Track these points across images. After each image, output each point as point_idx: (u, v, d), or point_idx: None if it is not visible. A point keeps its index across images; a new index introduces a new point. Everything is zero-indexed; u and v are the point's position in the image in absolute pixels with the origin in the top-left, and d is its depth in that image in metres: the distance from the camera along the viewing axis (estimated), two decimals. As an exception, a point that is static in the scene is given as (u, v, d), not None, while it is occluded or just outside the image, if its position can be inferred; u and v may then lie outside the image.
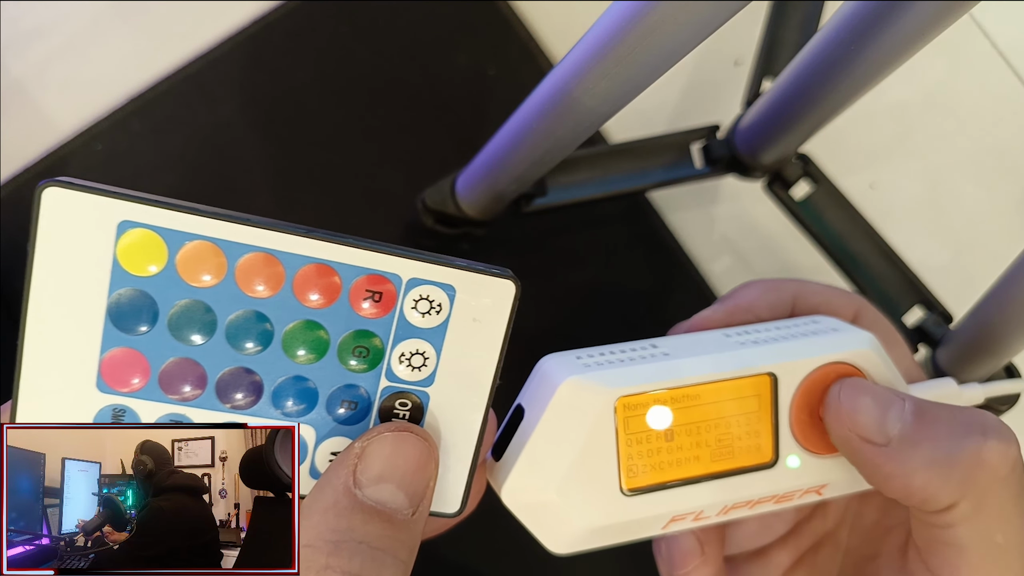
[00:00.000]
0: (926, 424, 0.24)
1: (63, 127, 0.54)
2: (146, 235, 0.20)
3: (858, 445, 0.25)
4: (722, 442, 0.25)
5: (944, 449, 0.23)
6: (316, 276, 0.21)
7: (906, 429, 0.24)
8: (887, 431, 0.24)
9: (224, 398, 0.21)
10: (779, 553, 0.30)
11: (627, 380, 0.24)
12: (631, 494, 0.24)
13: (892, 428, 0.24)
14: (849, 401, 0.25)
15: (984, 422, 0.24)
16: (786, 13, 0.53)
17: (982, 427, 0.23)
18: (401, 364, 0.22)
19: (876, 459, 0.24)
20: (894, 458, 0.24)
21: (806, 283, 0.30)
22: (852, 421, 0.25)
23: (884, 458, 0.24)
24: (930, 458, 0.23)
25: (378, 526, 0.20)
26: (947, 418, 0.24)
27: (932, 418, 0.24)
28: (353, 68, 0.56)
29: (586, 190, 0.50)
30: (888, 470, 0.24)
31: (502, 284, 0.22)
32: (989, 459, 0.23)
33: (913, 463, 0.24)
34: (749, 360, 0.26)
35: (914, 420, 0.24)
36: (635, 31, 0.29)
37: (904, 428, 0.24)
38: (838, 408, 0.25)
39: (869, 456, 0.25)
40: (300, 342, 0.21)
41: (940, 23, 0.33)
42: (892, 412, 0.24)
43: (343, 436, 0.22)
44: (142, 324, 0.21)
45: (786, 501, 0.27)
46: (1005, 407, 0.49)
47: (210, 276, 0.20)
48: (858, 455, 0.25)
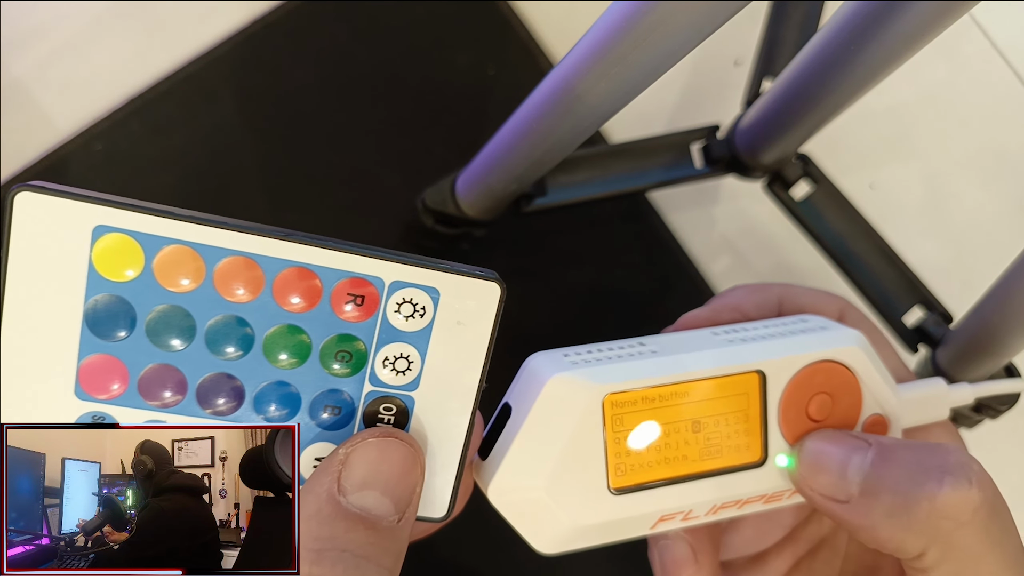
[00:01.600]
0: (885, 473, 0.24)
1: (63, 127, 0.54)
2: (122, 240, 0.20)
3: (823, 504, 0.25)
4: (710, 441, 0.25)
5: (903, 499, 0.23)
6: (296, 280, 0.21)
7: (867, 482, 0.24)
8: (847, 488, 0.24)
9: (205, 404, 0.21)
10: (776, 558, 0.30)
11: (614, 377, 0.24)
12: (618, 493, 0.24)
13: (852, 485, 0.24)
14: (809, 461, 0.25)
15: (944, 463, 0.23)
16: (786, 13, 0.53)
17: (940, 471, 0.23)
18: (385, 368, 0.22)
19: (842, 516, 0.24)
20: (858, 514, 0.24)
21: (790, 285, 0.30)
22: (813, 482, 0.25)
23: (849, 514, 0.24)
24: (890, 510, 0.23)
25: (362, 534, 0.20)
26: (907, 462, 0.24)
27: (892, 464, 0.24)
28: (353, 68, 0.56)
29: (586, 190, 0.50)
30: (855, 524, 0.24)
31: (487, 286, 0.21)
32: (945, 507, 0.22)
33: (875, 516, 0.23)
34: (737, 357, 0.26)
35: (872, 470, 0.24)
36: (635, 31, 0.29)
37: (864, 481, 0.24)
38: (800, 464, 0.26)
39: (836, 514, 0.25)
40: (281, 347, 0.21)
41: (940, 23, 0.33)
42: (852, 465, 0.24)
43: (327, 442, 0.22)
44: (120, 330, 0.20)
45: (775, 501, 0.27)
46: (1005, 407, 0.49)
47: (188, 281, 0.20)
48: (827, 513, 0.25)
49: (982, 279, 0.44)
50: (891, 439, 0.25)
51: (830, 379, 0.26)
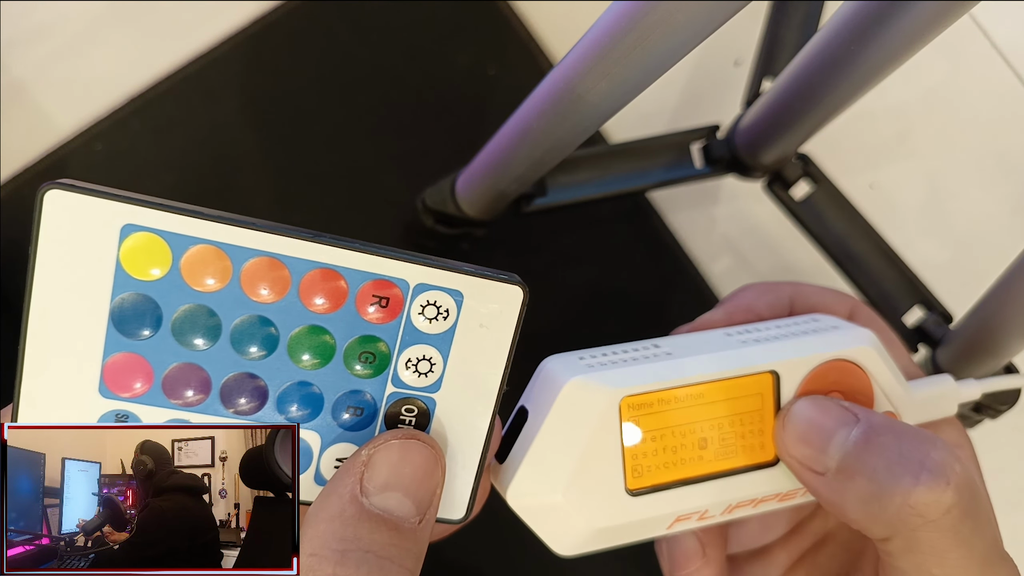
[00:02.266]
0: (865, 457, 0.24)
1: (63, 127, 0.54)
2: (150, 239, 0.20)
3: (798, 469, 0.25)
4: (726, 441, 0.25)
5: (876, 487, 0.23)
6: (322, 281, 0.21)
7: (845, 461, 0.24)
8: (825, 461, 0.24)
9: (228, 403, 0.21)
10: (780, 552, 0.30)
11: (630, 380, 0.24)
12: (635, 494, 0.24)
13: (831, 460, 0.24)
14: (794, 426, 0.25)
15: (923, 459, 0.23)
16: (786, 13, 0.53)
17: (919, 465, 0.23)
18: (407, 370, 0.22)
19: (815, 486, 0.25)
20: (831, 489, 0.24)
21: (801, 284, 0.30)
22: (793, 447, 0.25)
23: (823, 488, 0.24)
24: (863, 495, 0.23)
25: (385, 535, 0.20)
26: (889, 449, 0.23)
27: (874, 448, 0.24)
28: (353, 68, 0.56)
29: (586, 190, 0.50)
30: (825, 498, 0.24)
31: (510, 290, 0.21)
32: (917, 505, 0.22)
33: (847, 497, 0.24)
34: (751, 359, 0.26)
35: (854, 450, 0.24)
36: (635, 31, 0.29)
37: (843, 459, 0.24)
38: (781, 433, 0.25)
39: (809, 482, 0.25)
40: (305, 347, 0.21)
41: (940, 23, 0.33)
42: (835, 441, 0.24)
43: (349, 442, 0.22)
44: (145, 329, 0.20)
45: (789, 499, 0.27)
46: (1005, 407, 0.49)
47: (214, 280, 0.20)
48: (800, 479, 0.25)
49: (982, 279, 0.44)
50: (880, 416, 0.25)
51: (842, 378, 0.27)
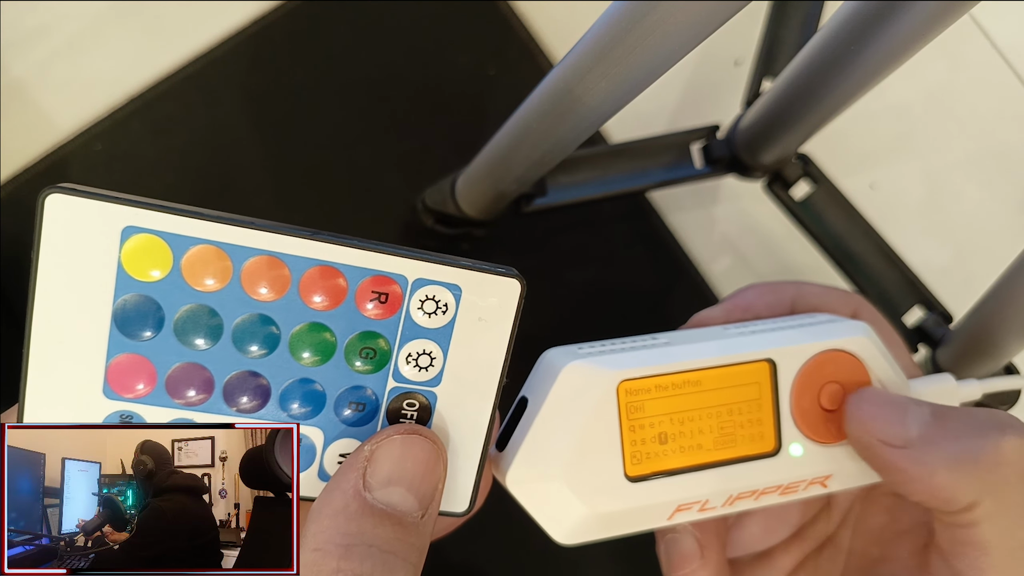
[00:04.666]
0: (944, 424, 0.24)
1: (63, 127, 0.54)
2: (150, 240, 0.20)
3: (879, 449, 0.25)
4: (724, 429, 0.26)
5: (964, 447, 0.23)
6: (321, 278, 0.21)
7: (925, 430, 0.24)
8: (906, 433, 0.24)
9: (231, 402, 0.21)
10: (783, 556, 0.30)
11: (628, 364, 0.24)
12: (635, 480, 0.25)
13: (911, 430, 0.24)
14: (868, 406, 0.26)
15: (1000, 420, 0.24)
16: (786, 13, 0.53)
17: (999, 424, 0.24)
18: (408, 365, 0.22)
19: (898, 462, 0.24)
20: (915, 460, 0.24)
21: (804, 284, 0.30)
22: (871, 425, 0.25)
23: (905, 460, 0.24)
24: (950, 457, 0.23)
25: (388, 529, 0.20)
26: (964, 418, 0.24)
27: (950, 418, 0.24)
28: (353, 68, 0.56)
29: (586, 190, 0.50)
30: (910, 472, 0.24)
31: (508, 283, 0.22)
32: (1008, 455, 0.23)
33: (934, 463, 0.24)
34: (748, 346, 0.26)
35: (932, 421, 0.24)
36: (635, 31, 0.29)
37: (923, 429, 0.24)
38: (857, 413, 0.26)
39: (890, 459, 0.25)
40: (306, 345, 0.21)
41: (940, 23, 0.33)
42: (910, 415, 0.25)
43: (351, 438, 0.22)
44: (148, 330, 0.21)
45: (791, 493, 0.27)
46: (1005, 406, 0.49)
47: (215, 280, 0.20)
48: (879, 459, 0.25)
49: (982, 279, 0.44)
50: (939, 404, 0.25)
51: (840, 368, 0.27)
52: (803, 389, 0.26)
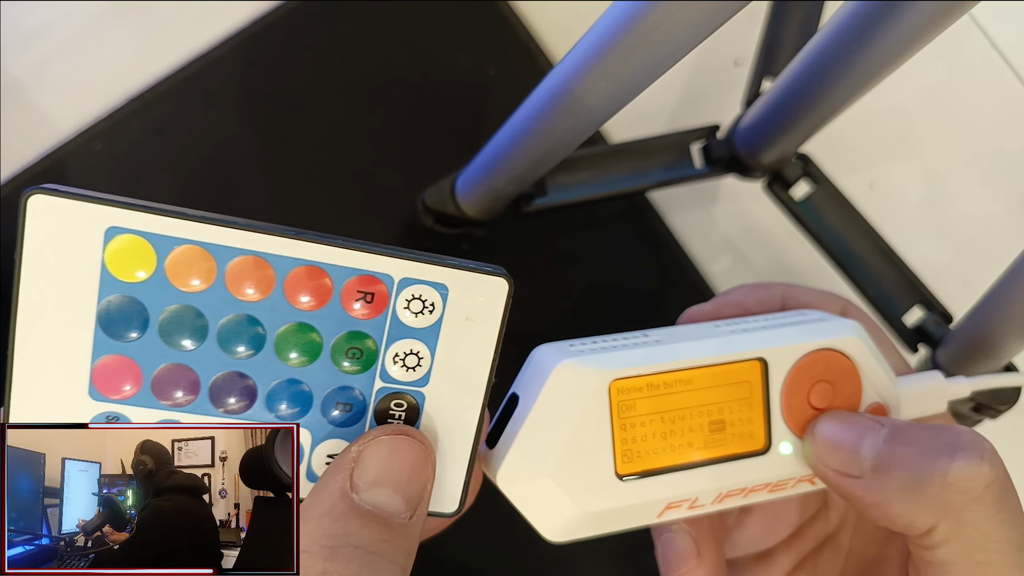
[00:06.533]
0: (899, 449, 0.24)
1: (63, 127, 0.54)
2: (134, 241, 0.20)
3: (835, 479, 0.25)
4: (715, 428, 0.26)
5: (915, 475, 0.23)
6: (307, 278, 0.21)
7: (879, 458, 0.24)
8: (860, 463, 0.24)
9: (217, 403, 0.21)
10: (782, 556, 0.30)
11: (620, 363, 0.24)
12: (625, 479, 0.24)
13: (865, 460, 0.24)
14: (824, 436, 0.26)
15: (956, 441, 0.23)
16: (786, 13, 0.53)
17: (952, 447, 0.23)
18: (395, 365, 0.22)
19: (854, 491, 0.25)
20: (870, 489, 0.24)
21: (794, 285, 0.30)
22: (827, 457, 0.25)
23: (860, 490, 0.24)
24: (902, 485, 0.23)
25: (375, 530, 0.20)
26: (920, 440, 0.24)
27: (905, 441, 0.24)
28: (353, 68, 0.56)
29: (586, 190, 0.50)
30: (867, 501, 0.24)
31: (495, 282, 0.21)
32: (956, 482, 0.23)
33: (887, 492, 0.24)
34: (739, 346, 0.26)
35: (885, 448, 0.24)
36: (635, 31, 0.29)
37: (877, 457, 0.24)
38: (814, 445, 0.26)
39: (847, 489, 0.25)
40: (293, 345, 0.21)
41: (940, 23, 0.33)
42: (866, 442, 0.25)
43: (339, 439, 0.22)
44: (132, 331, 0.20)
45: (780, 490, 0.27)
46: (1005, 407, 0.49)
47: (200, 281, 0.20)
48: (838, 489, 0.25)
49: (982, 279, 0.44)
50: (902, 421, 0.25)
51: (830, 367, 0.27)
52: (793, 388, 0.26)
